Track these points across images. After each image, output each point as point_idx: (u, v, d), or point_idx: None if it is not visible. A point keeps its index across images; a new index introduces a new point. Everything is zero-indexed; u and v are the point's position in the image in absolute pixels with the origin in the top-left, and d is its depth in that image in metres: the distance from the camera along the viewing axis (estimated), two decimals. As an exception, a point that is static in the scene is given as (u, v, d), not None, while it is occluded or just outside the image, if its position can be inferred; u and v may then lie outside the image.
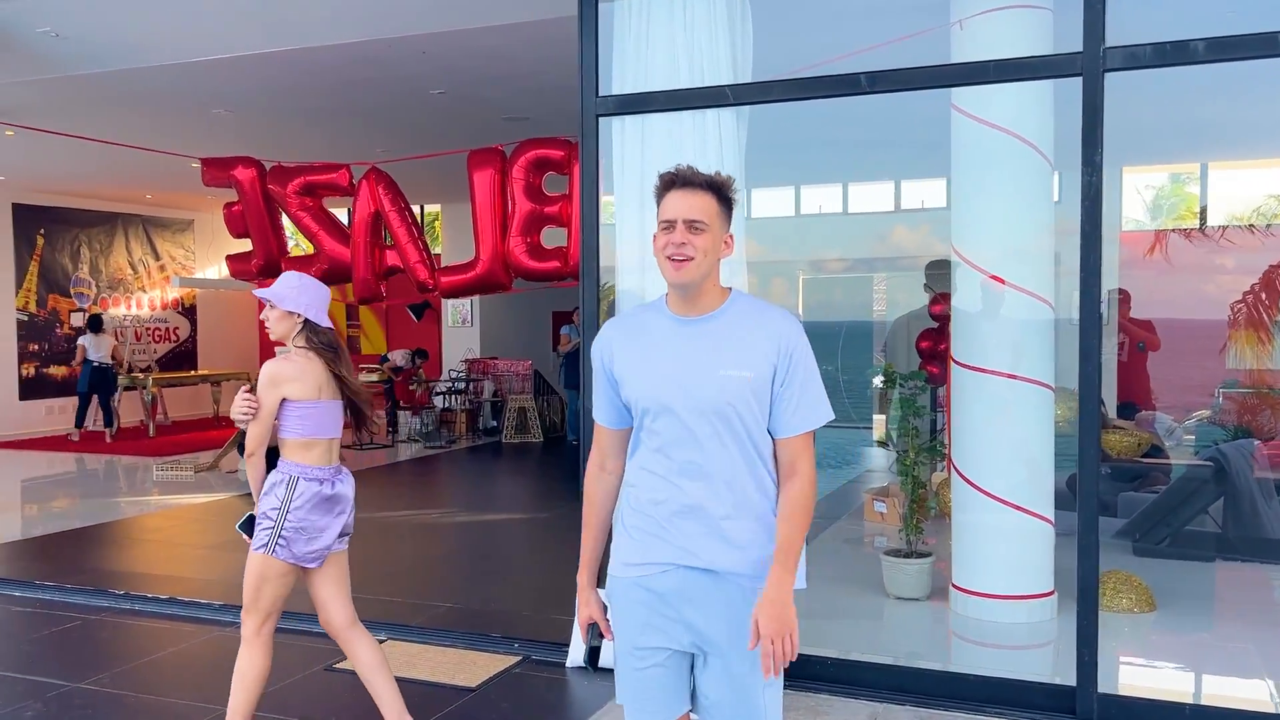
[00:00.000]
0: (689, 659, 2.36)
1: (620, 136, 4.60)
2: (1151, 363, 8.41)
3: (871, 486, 8.04)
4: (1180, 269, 10.18)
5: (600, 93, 4.60)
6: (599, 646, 2.24)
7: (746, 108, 4.51)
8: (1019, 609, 5.06)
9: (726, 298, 2.33)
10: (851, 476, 10.18)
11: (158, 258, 15.88)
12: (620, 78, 4.58)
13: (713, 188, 2.27)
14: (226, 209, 8.55)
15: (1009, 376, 5.02)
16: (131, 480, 10.53)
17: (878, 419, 10.31)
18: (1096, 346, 3.94)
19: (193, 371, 15.80)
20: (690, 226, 2.23)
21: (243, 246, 8.63)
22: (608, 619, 2.44)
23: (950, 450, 5.40)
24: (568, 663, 4.70)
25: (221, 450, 11.05)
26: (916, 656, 4.96)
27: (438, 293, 7.71)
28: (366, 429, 3.67)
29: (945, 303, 5.88)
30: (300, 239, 11.87)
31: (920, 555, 5.53)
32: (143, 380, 13.89)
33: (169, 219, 16.00)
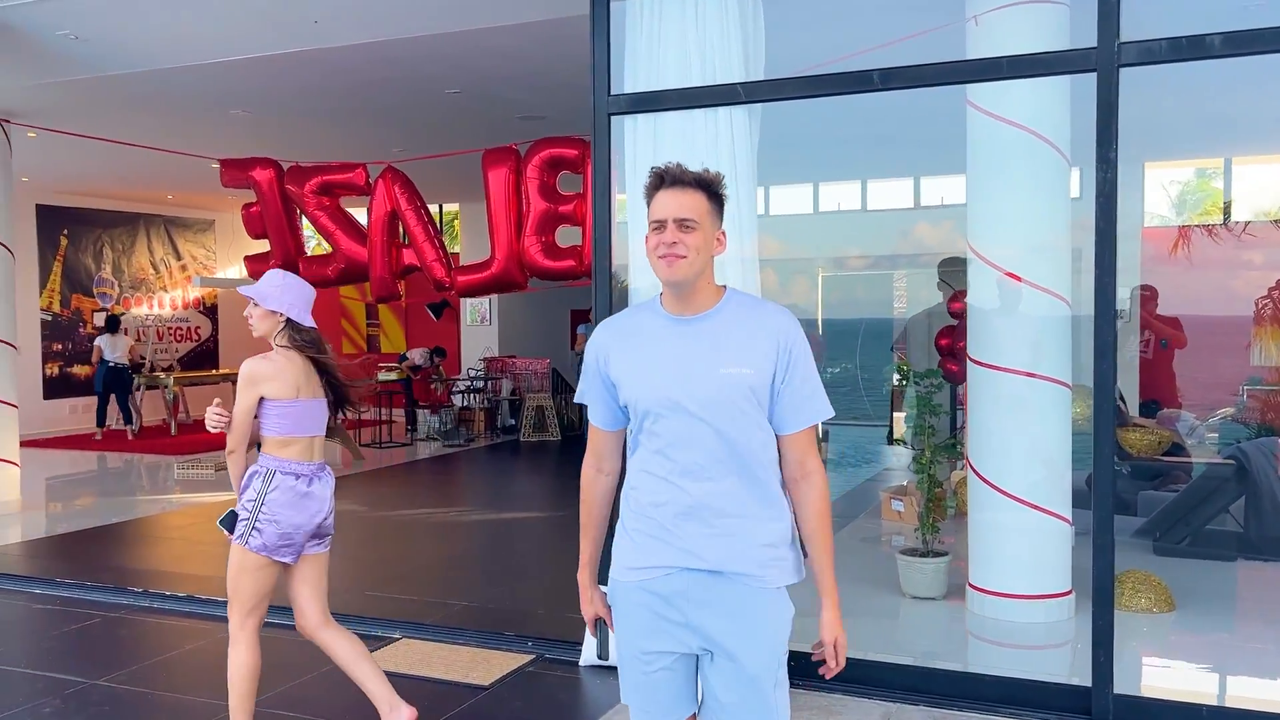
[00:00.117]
0: (694, 660, 2.34)
1: (632, 135, 4.60)
2: (1176, 360, 8.33)
3: (889, 485, 8.00)
4: (1205, 265, 10.07)
5: (612, 91, 4.60)
6: (607, 641, 2.26)
7: (759, 105, 4.50)
8: (1036, 609, 5.03)
9: (722, 296, 2.31)
10: (870, 475, 10.14)
11: (179, 258, 16.01)
12: (632, 76, 4.57)
13: (702, 185, 2.25)
14: (245, 210, 8.61)
15: (1025, 375, 4.98)
16: (153, 479, 10.63)
17: (896, 416, 10.27)
18: (1111, 344, 3.90)
19: (214, 370, 15.91)
20: (681, 225, 2.21)
21: (262, 247, 8.70)
22: (611, 615, 2.44)
23: (967, 449, 5.37)
24: (581, 661, 4.70)
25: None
26: (933, 656, 4.93)
27: (454, 291, 7.74)
28: (345, 411, 3.73)
29: (964, 300, 5.85)
30: (320, 239, 11.93)
31: (936, 554, 5.49)
32: (164, 379, 14.01)
33: (190, 219, 16.13)
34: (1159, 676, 4.88)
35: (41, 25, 6.44)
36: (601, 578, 2.50)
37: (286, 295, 3.54)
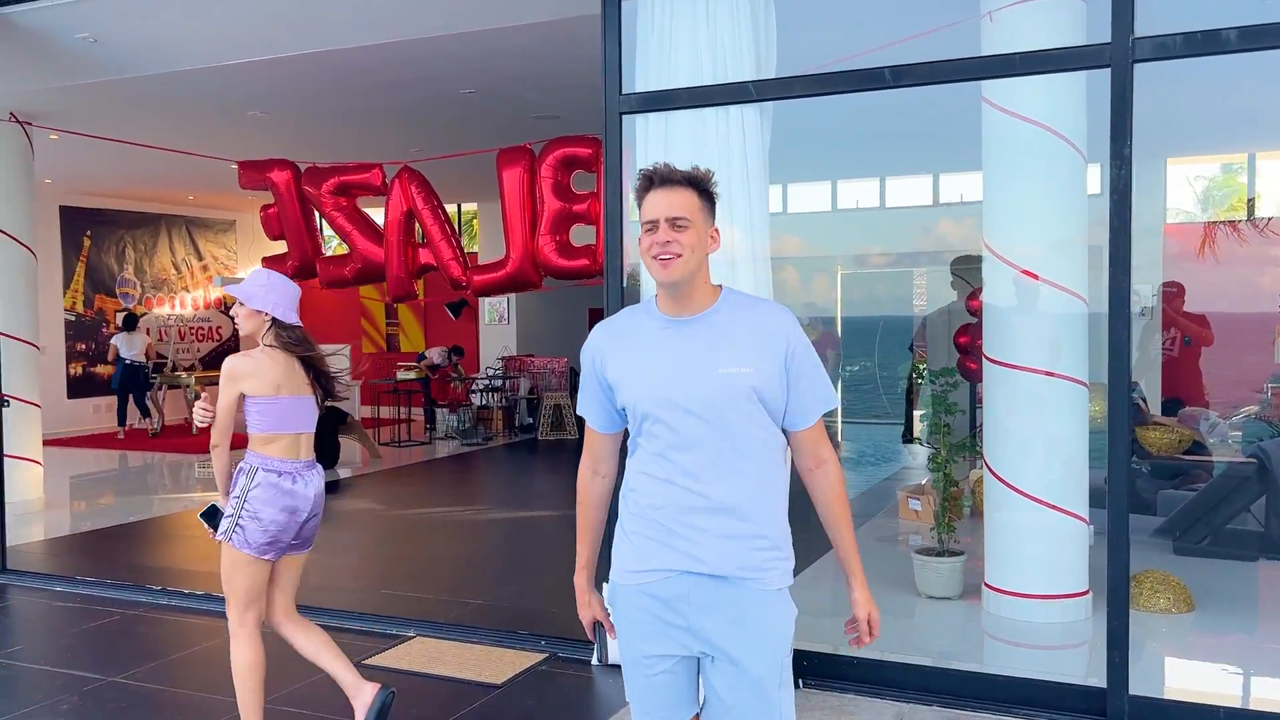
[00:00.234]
0: (696, 661, 2.33)
1: (644, 134, 4.58)
2: (1203, 358, 8.24)
3: (907, 484, 7.96)
4: (1229, 261, 9.96)
5: (623, 90, 4.59)
6: (605, 645, 2.26)
7: (771, 104, 4.48)
8: (1053, 609, 4.99)
9: (718, 295, 2.30)
10: (888, 474, 10.09)
11: (200, 258, 16.14)
12: (644, 75, 4.56)
13: (692, 183, 2.24)
14: (263, 211, 8.66)
15: (1041, 373, 4.94)
16: (174, 477, 10.72)
17: (914, 415, 10.22)
18: (1126, 342, 3.86)
19: (235, 370, 16.01)
20: (673, 224, 2.20)
21: (281, 248, 8.74)
22: (610, 618, 2.44)
23: (983, 447, 5.33)
24: (593, 660, 4.70)
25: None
26: (948, 656, 4.90)
27: (470, 291, 7.76)
28: (328, 398, 3.76)
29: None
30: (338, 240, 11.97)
31: (952, 554, 5.46)
32: (185, 379, 14.13)
33: (211, 220, 16.25)
34: (1177, 677, 4.84)
35: (61, 29, 6.51)
36: (600, 579, 2.50)
37: (271, 295, 3.58)
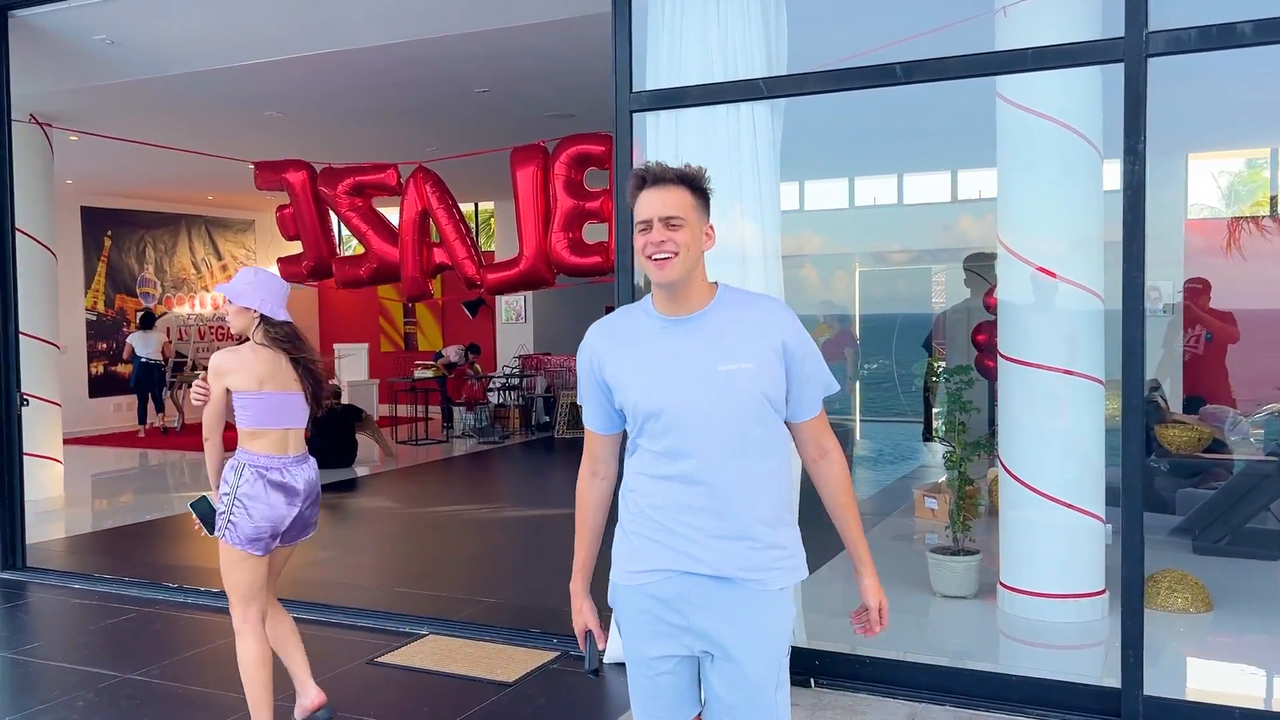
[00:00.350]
0: (697, 661, 2.33)
1: (655, 132, 4.58)
2: (1229, 355, 8.14)
3: (924, 483, 7.92)
4: (1253, 257, 9.86)
5: (634, 88, 4.58)
6: (600, 653, 2.26)
7: (782, 101, 4.46)
8: (1069, 608, 4.95)
9: (715, 293, 2.28)
10: (905, 472, 10.05)
11: (220, 257, 16.25)
12: (654, 73, 4.55)
13: (685, 181, 2.22)
14: (279, 212, 8.71)
15: (1057, 371, 4.91)
16: (194, 475, 10.78)
17: (934, 412, 10.16)
18: (1140, 338, 3.82)
19: (254, 368, 16.12)
20: (667, 223, 2.19)
21: (298, 249, 8.79)
22: (602, 627, 2.42)
23: (999, 445, 5.29)
24: (605, 659, 4.69)
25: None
26: (963, 655, 4.87)
27: (484, 289, 7.78)
28: (319, 406, 3.76)
29: (996, 295, 5.76)
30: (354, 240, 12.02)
31: (967, 553, 5.43)
32: (206, 377, 14.22)
33: (230, 219, 16.36)
34: (1194, 677, 4.79)
35: (78, 30, 6.56)
36: (600, 581, 2.48)
37: (258, 292, 3.61)
